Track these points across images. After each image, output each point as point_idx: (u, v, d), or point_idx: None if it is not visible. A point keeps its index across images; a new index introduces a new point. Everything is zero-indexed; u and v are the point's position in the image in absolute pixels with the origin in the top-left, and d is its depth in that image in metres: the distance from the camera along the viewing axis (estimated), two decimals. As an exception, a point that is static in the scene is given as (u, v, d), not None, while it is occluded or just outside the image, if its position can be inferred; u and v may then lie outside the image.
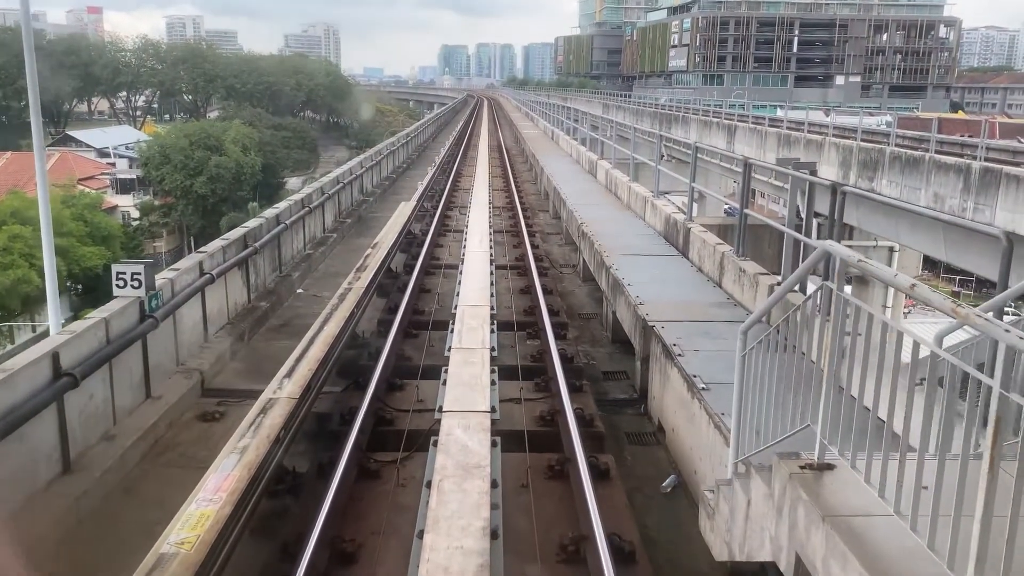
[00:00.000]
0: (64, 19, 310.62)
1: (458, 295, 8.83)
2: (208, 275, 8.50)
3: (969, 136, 47.08)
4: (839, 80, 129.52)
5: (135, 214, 68.33)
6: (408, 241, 13.19)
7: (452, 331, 7.42)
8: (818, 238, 28.41)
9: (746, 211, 9.09)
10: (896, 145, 23.64)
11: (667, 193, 15.14)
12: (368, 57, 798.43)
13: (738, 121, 34.72)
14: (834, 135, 26.67)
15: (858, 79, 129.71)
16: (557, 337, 7.75)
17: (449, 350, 6.77)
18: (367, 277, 9.04)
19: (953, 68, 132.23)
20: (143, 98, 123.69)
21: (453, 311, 8.23)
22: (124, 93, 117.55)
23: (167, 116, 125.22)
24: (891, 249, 29.39)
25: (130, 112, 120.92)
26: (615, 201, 16.22)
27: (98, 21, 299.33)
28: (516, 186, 21.95)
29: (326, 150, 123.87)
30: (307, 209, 12.74)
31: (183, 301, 7.78)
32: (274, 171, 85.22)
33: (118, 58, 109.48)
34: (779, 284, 7.29)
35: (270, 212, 10.94)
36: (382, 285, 10.07)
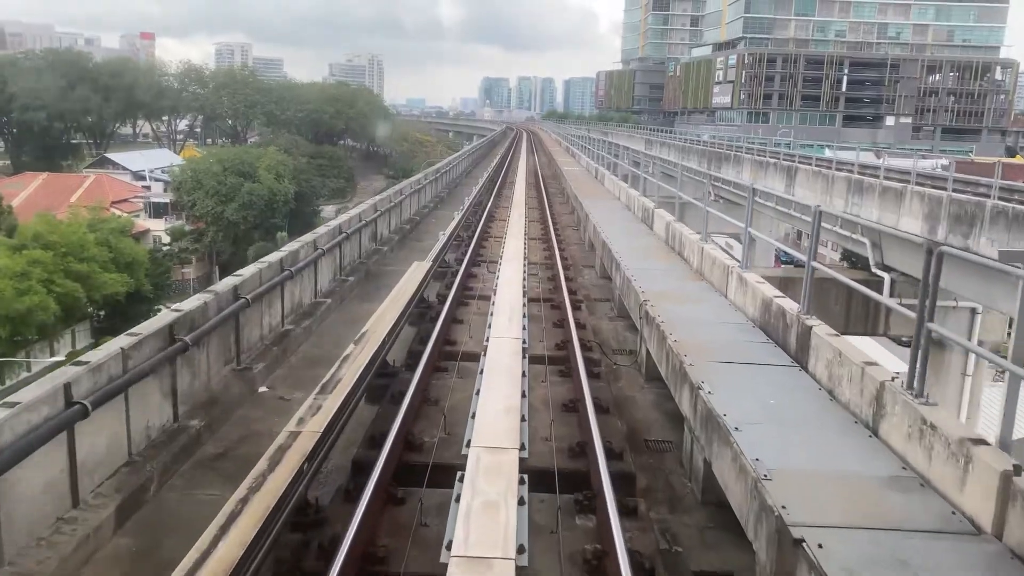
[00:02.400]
0: (117, 44, 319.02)
1: (473, 418, 6.23)
2: (78, 405, 5.27)
3: None
4: (889, 121, 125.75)
5: (167, 239, 67.33)
6: (415, 315, 10.50)
7: (455, 501, 4.83)
8: (891, 294, 24.46)
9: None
10: (998, 198, 20.66)
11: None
12: (411, 88, 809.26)
13: (799, 163, 31.97)
14: (918, 183, 23.76)
15: (909, 120, 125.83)
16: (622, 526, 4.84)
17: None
18: (327, 412, 5.90)
19: (1009, 111, 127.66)
20: (185, 122, 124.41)
21: (464, 451, 5.67)
22: (166, 117, 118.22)
23: (209, 140, 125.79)
24: (973, 311, 26.40)
25: (171, 136, 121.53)
26: (682, 264, 13.64)
27: (150, 47, 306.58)
28: (556, 233, 19.46)
29: (364, 178, 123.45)
30: (287, 272, 9.84)
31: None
32: (309, 199, 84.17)
33: (161, 82, 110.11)
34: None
35: (226, 283, 8.09)
36: (369, 389, 7.43)
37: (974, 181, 26.12)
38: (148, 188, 78.18)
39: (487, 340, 8.32)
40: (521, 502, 4.82)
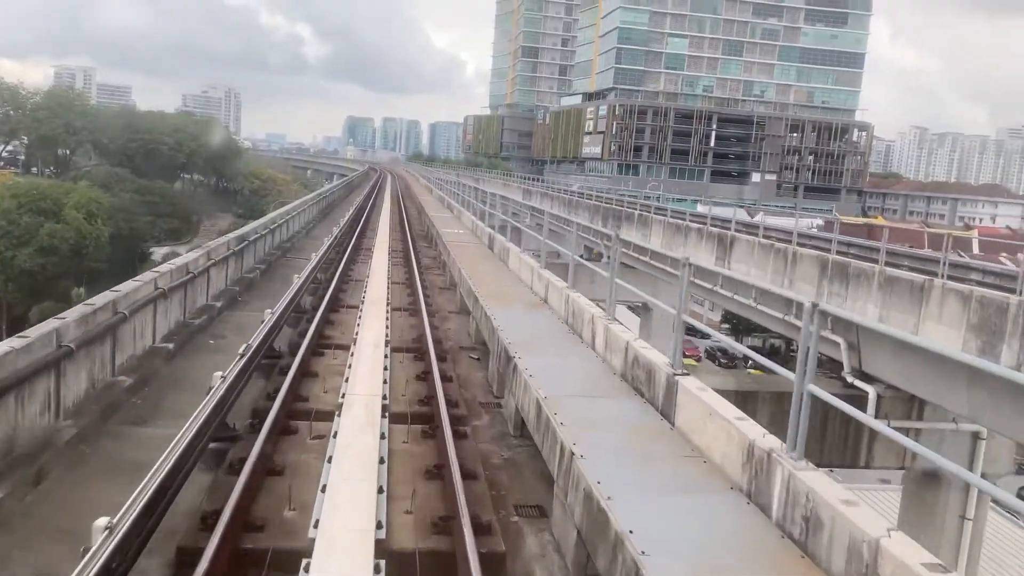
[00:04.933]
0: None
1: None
2: None
3: (911, 247, 40.78)
4: (755, 177, 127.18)
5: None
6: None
7: None
8: (876, 415, 16.33)
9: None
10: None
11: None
12: (272, 123, 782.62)
13: (736, 230, 25.84)
14: (949, 276, 17.67)
15: (774, 177, 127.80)
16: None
17: None
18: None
19: (865, 172, 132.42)
20: (6, 148, 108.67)
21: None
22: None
23: (34, 169, 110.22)
24: (976, 435, 20.82)
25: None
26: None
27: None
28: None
29: (210, 217, 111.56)
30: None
31: None
32: (133, 241, 72.46)
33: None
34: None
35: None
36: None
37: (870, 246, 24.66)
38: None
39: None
40: None
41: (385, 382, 7.62)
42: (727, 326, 73.82)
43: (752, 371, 63.66)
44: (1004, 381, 13.44)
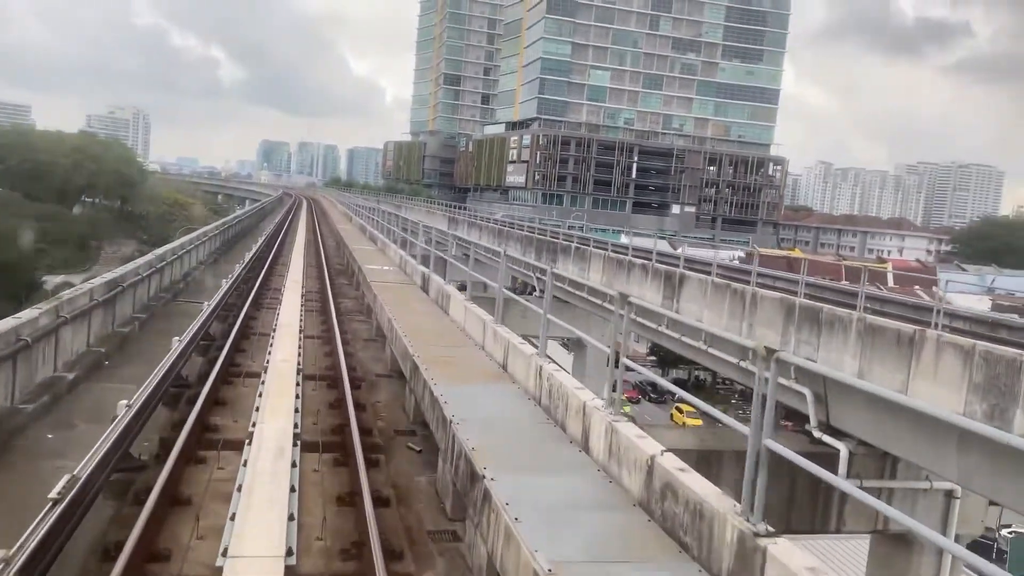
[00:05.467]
0: None
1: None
2: None
3: (830, 279, 40.53)
4: (675, 209, 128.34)
5: None
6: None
7: None
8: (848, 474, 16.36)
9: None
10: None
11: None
12: (184, 146, 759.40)
13: (685, 267, 24.02)
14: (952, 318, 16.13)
15: (693, 209, 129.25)
16: None
17: None
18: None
19: (780, 205, 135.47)
20: None
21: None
22: None
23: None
24: (950, 494, 19.39)
25: None
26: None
27: None
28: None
29: (114, 243, 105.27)
30: None
31: None
32: (22, 269, 66.57)
33: None
34: None
35: None
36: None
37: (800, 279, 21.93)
38: None
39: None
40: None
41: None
42: (653, 358, 72.86)
43: (681, 406, 62.53)
44: (1011, 449, 11.74)
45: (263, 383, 8.19)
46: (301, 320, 12.22)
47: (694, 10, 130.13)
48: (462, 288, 18.34)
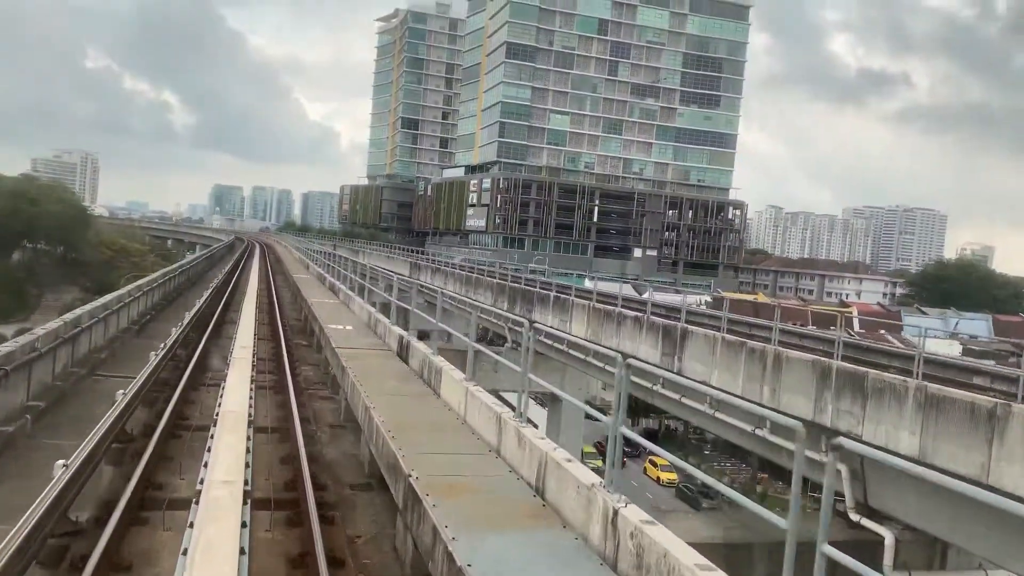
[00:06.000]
0: None
1: None
2: None
3: (800, 325, 38.87)
4: (637, 252, 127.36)
5: None
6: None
7: None
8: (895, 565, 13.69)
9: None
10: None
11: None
12: (135, 190, 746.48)
13: (687, 322, 21.66)
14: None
15: (655, 253, 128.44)
16: None
17: None
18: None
19: (740, 249, 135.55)
20: None
21: None
22: None
23: None
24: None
25: None
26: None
27: None
28: None
29: (55, 290, 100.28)
30: None
31: None
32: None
33: None
34: None
35: None
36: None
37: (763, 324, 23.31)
38: None
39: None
40: None
41: None
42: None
43: (655, 459, 59.94)
44: None
45: (192, 525, 5.43)
46: (251, 404, 9.46)
47: (652, 56, 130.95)
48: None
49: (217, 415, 8.89)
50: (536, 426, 9.38)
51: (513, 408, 8.03)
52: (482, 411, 8.37)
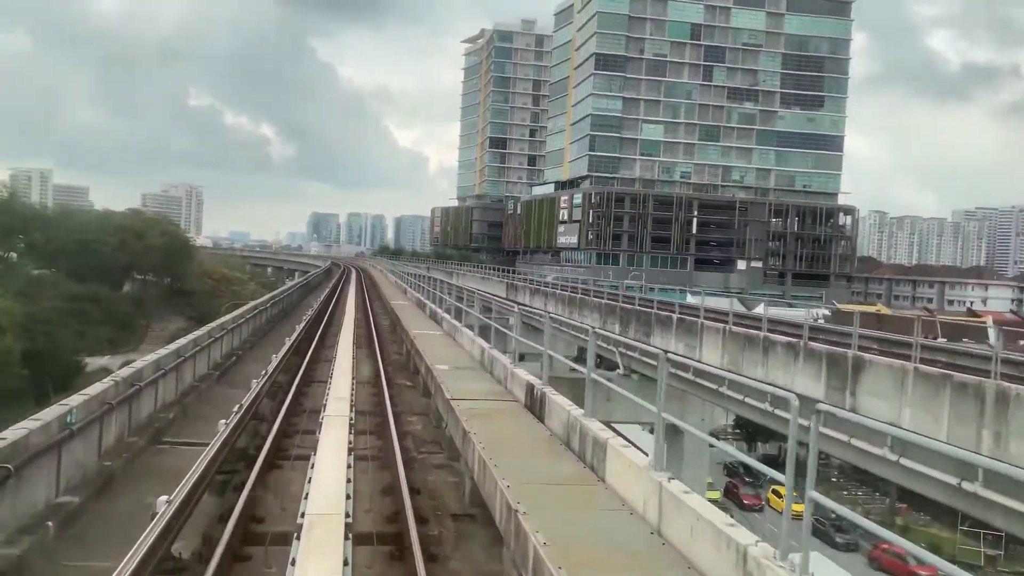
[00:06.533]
0: None
1: None
2: None
3: (932, 338, 33.89)
4: (740, 264, 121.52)
5: None
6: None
7: None
8: None
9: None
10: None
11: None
12: (237, 221, 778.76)
13: (860, 350, 17.92)
14: None
15: (760, 264, 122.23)
16: None
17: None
18: None
19: (853, 257, 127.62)
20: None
21: None
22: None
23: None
24: None
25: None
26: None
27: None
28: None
29: (162, 320, 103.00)
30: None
31: None
32: (57, 355, 62.81)
33: None
34: None
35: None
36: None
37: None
38: None
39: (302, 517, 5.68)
40: None
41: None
42: (738, 431, 65.74)
43: (779, 488, 55.18)
44: None
45: None
46: (348, 494, 6.72)
47: (748, 59, 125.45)
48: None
49: (302, 518, 6.15)
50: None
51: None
52: (700, 530, 5.26)
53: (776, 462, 64.50)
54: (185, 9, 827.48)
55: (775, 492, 54.89)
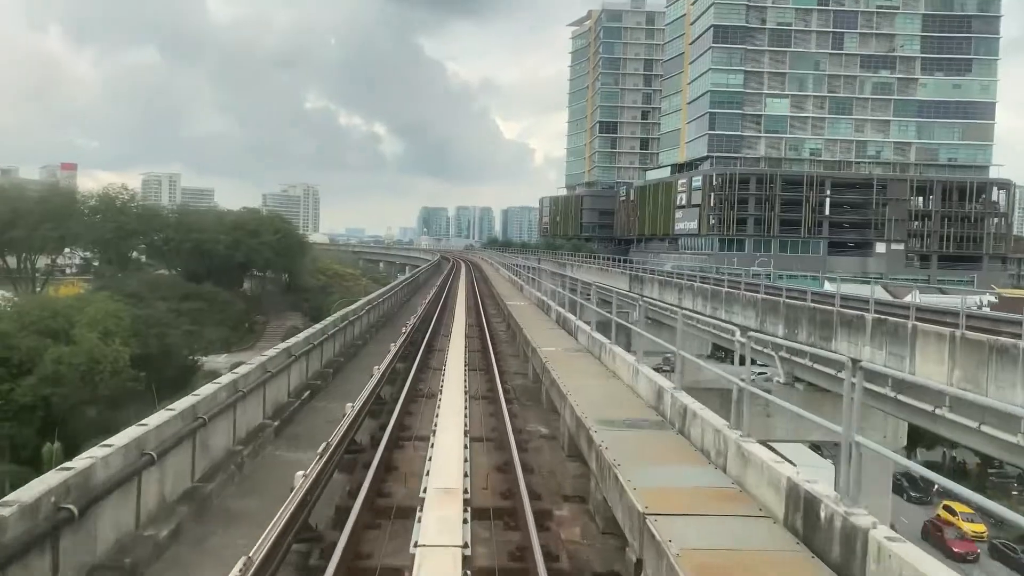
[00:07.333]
0: (37, 175, 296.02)
1: None
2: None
3: None
4: (880, 247, 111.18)
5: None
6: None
7: None
8: None
9: None
10: None
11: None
12: (351, 218, 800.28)
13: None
14: None
15: (901, 247, 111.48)
16: None
17: None
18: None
19: (1008, 236, 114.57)
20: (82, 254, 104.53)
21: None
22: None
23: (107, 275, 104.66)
24: None
25: (51, 270, 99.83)
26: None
27: (71, 178, 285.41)
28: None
29: (278, 317, 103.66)
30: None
31: None
32: (171, 357, 62.20)
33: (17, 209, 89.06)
34: None
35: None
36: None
37: None
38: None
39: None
40: None
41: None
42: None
43: (952, 505, 47.82)
44: None
45: None
46: None
47: (884, 22, 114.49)
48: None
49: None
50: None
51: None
52: None
53: (940, 469, 56.52)
54: (296, 16, 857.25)
55: (947, 508, 47.57)
